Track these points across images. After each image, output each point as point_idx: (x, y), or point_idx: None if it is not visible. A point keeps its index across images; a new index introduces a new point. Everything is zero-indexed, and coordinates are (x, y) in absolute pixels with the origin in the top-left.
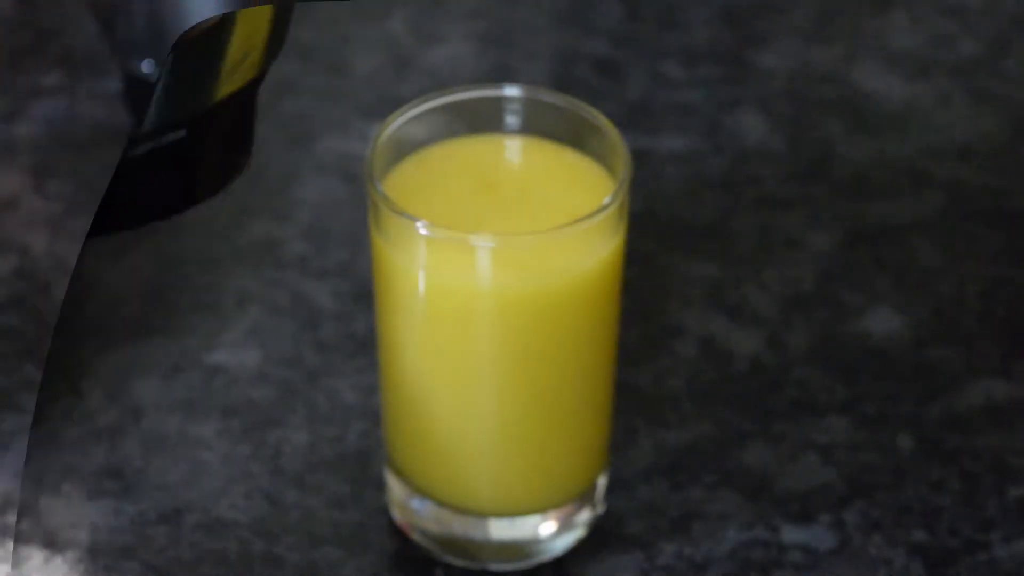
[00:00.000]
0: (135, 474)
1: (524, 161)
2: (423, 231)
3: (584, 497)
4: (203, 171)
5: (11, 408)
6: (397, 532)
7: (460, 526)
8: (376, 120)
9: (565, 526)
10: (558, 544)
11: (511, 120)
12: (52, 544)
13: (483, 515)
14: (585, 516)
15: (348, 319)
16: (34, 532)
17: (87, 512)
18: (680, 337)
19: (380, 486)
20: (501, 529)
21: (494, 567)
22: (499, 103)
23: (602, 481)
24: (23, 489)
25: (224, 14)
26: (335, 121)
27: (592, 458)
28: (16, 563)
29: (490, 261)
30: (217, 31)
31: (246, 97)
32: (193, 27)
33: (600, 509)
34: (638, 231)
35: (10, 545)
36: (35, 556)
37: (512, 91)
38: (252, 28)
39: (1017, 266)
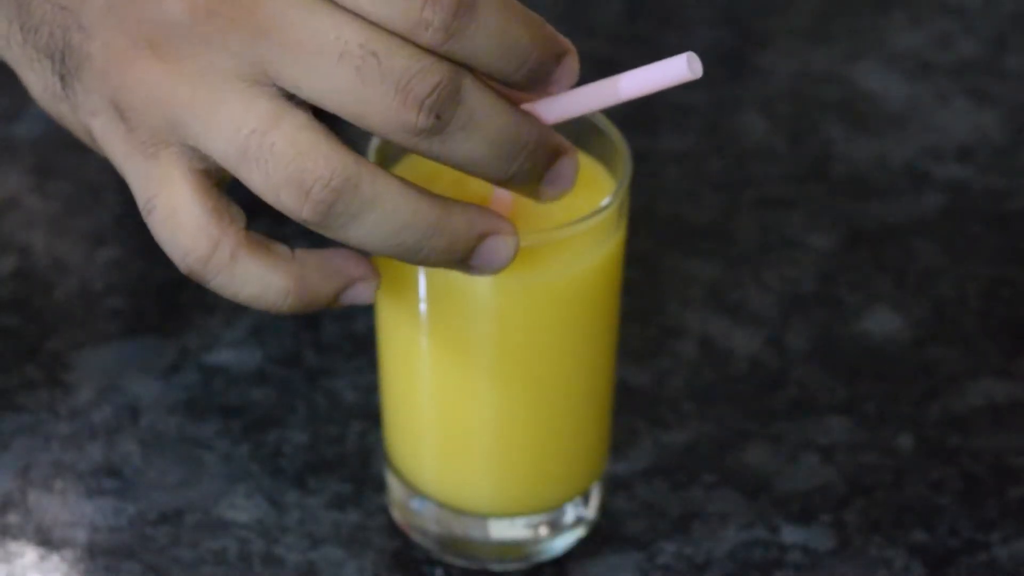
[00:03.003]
0: (134, 473)
1: None
2: None
3: (584, 497)
4: None
5: (11, 408)
6: (397, 532)
7: (460, 526)
8: None
9: (565, 526)
10: (558, 544)
11: None
12: (47, 542)
13: (483, 515)
14: (585, 516)
15: (348, 319)
16: (25, 528)
17: (85, 511)
18: (680, 337)
19: (380, 486)
20: (501, 529)
21: (494, 567)
22: None
23: (602, 481)
24: (9, 483)
25: None
26: (335, 121)
27: (592, 458)
28: (7, 559)
29: None
30: None
31: None
32: None
33: (600, 509)
34: (638, 231)
35: (11, 544)
36: (28, 553)
37: None
38: None
39: (1017, 266)
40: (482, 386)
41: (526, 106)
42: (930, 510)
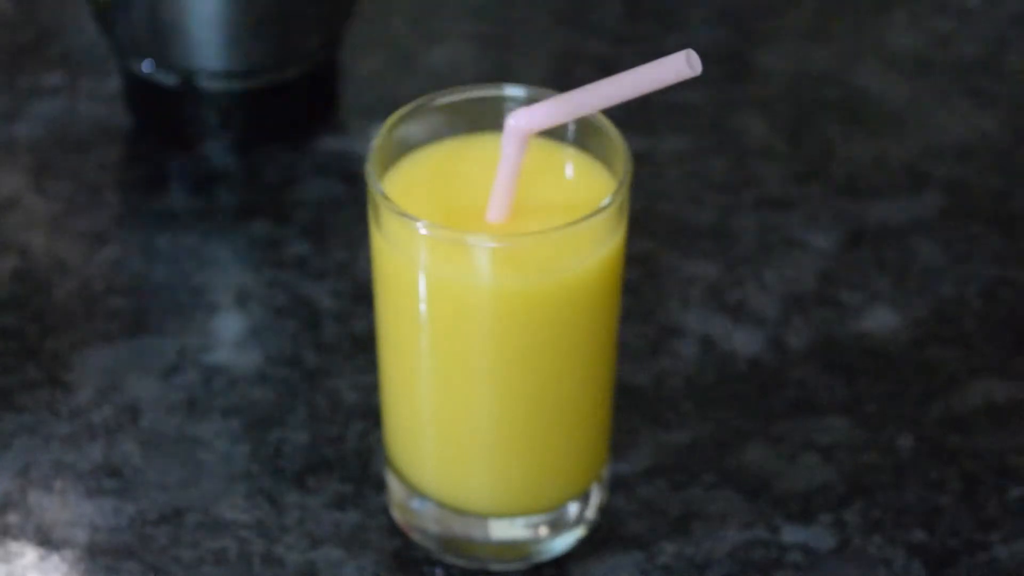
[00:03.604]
0: (134, 473)
1: (524, 161)
2: (423, 231)
3: (584, 497)
4: None
5: (11, 408)
6: (397, 532)
7: (460, 526)
8: (376, 120)
9: (565, 526)
10: (558, 544)
11: None
12: (47, 542)
13: (483, 515)
14: (585, 516)
15: (348, 319)
16: (25, 528)
17: (85, 511)
18: (680, 337)
19: (380, 486)
20: (501, 529)
21: (494, 567)
22: (499, 103)
23: (602, 481)
24: (9, 482)
25: None
26: (335, 121)
27: (592, 458)
28: (7, 559)
29: (490, 261)
30: None
31: None
32: None
33: (600, 509)
34: (638, 231)
35: (11, 544)
36: (29, 553)
37: (512, 91)
38: None
39: (1017, 266)
40: (482, 386)
41: (524, 110)
42: (930, 510)
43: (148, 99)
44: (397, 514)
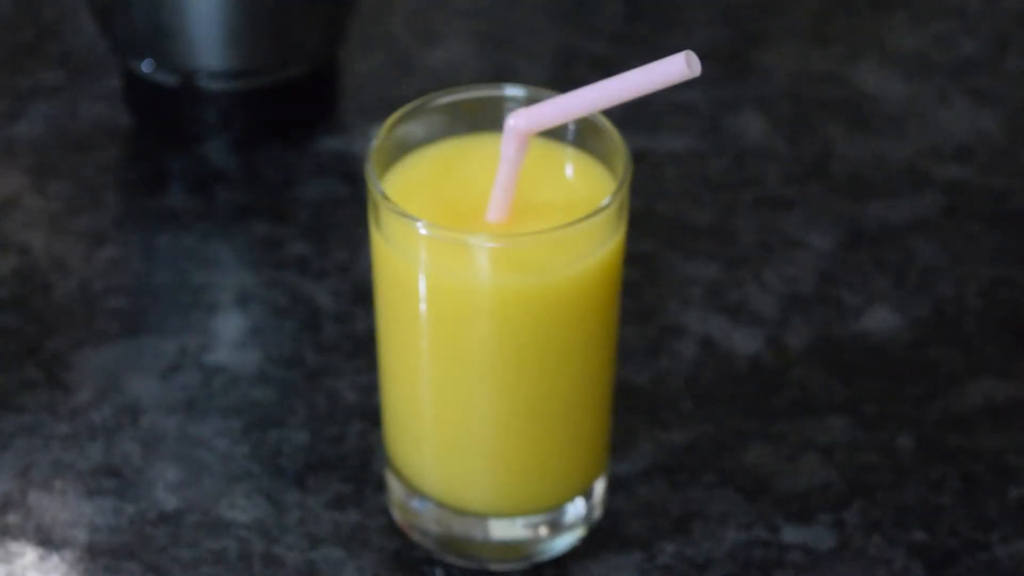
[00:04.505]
0: (134, 473)
1: (524, 161)
2: (423, 231)
3: (584, 497)
4: None
5: (11, 408)
6: (397, 532)
7: (460, 526)
8: (376, 120)
9: (565, 526)
10: (558, 544)
11: None
12: (47, 542)
13: (483, 515)
14: (585, 516)
15: (348, 319)
16: (25, 528)
17: (85, 511)
18: (680, 337)
19: (380, 486)
20: (501, 529)
21: (494, 567)
22: (499, 103)
23: (602, 481)
24: (9, 482)
25: None
26: (335, 121)
27: (592, 458)
28: (8, 559)
29: (490, 261)
30: None
31: None
32: None
33: (600, 509)
34: (638, 231)
35: (11, 544)
36: (28, 553)
37: (512, 91)
38: None
39: (1017, 266)
40: (482, 385)
41: (524, 110)
42: (930, 510)
43: (148, 99)
44: (397, 514)
